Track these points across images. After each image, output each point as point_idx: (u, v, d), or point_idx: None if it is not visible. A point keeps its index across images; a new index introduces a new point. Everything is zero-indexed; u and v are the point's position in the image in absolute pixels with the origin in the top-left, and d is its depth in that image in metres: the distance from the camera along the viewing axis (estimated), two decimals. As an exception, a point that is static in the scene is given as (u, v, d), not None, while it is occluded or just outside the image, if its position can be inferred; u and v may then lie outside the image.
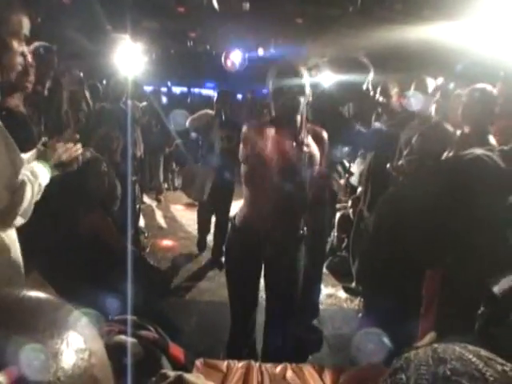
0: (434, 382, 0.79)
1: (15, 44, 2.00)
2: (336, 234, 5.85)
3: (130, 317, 2.26)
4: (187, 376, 0.88)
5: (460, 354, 0.82)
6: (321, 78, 8.94)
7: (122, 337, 2.14)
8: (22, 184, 1.99)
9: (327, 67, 4.64)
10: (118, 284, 2.95)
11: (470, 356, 0.81)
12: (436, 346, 0.87)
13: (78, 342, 0.54)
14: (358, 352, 2.67)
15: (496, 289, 2.66)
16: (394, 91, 4.44)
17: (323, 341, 3.56)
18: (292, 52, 7.94)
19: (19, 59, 2.05)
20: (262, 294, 3.27)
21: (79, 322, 0.57)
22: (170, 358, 2.17)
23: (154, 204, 8.31)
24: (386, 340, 2.25)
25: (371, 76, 3.83)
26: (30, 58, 2.95)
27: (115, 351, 2.11)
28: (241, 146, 2.92)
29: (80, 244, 3.18)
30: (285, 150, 2.84)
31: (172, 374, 0.89)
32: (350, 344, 3.64)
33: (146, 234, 5.80)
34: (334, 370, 2.44)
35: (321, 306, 4.46)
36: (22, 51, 2.06)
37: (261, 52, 8.98)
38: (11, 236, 2.14)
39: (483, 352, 0.83)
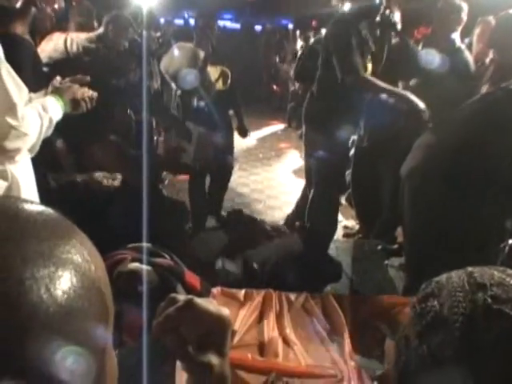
0: (473, 310, 0.72)
1: None
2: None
3: (145, 244, 2.23)
4: (198, 300, 0.82)
5: (500, 279, 0.74)
6: (342, 7, 8.62)
7: (137, 264, 2.13)
8: (26, 115, 1.89)
9: None
10: (133, 213, 2.93)
11: None
12: (471, 269, 0.79)
13: (84, 253, 0.51)
14: None
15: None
16: (398, 17, 4.16)
17: (342, 272, 3.54)
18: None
19: None
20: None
21: (81, 236, 0.54)
22: (186, 286, 2.16)
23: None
24: None
25: None
26: None
27: (130, 279, 2.10)
28: None
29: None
30: None
31: (182, 298, 0.82)
32: (369, 274, 3.64)
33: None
34: (354, 300, 2.41)
35: (339, 238, 4.43)
36: None
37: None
38: (22, 170, 2.05)
39: None
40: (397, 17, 4.08)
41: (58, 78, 2.22)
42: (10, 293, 0.43)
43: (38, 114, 1.96)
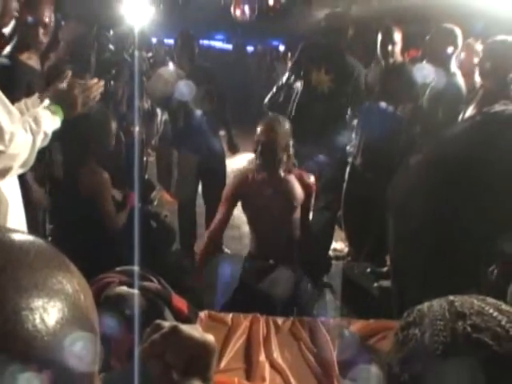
0: (453, 338, 0.74)
1: None
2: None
3: (135, 268, 2.22)
4: (183, 327, 0.83)
5: (480, 308, 0.76)
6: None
7: (124, 288, 2.12)
8: (15, 135, 1.89)
9: None
10: (121, 236, 2.92)
11: (491, 310, 0.76)
12: (452, 298, 0.82)
13: (74, 282, 0.54)
14: None
15: (508, 247, 2.59)
16: (399, 38, 4.24)
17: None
18: (303, 2, 7.69)
19: (14, 4, 1.96)
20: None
21: (70, 265, 0.56)
22: (173, 310, 2.15)
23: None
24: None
25: None
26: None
27: (117, 302, 2.09)
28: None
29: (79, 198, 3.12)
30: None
31: (167, 324, 0.84)
32: (358, 297, 3.62)
33: (158, 188, 5.66)
34: (341, 323, 2.40)
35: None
36: None
37: (271, 2, 8.76)
38: (10, 186, 2.07)
39: (504, 306, 0.78)
40: (397, 38, 4.17)
41: (67, 72, 2.19)
42: (6, 322, 0.45)
43: (30, 130, 1.95)
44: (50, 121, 2.04)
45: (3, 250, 0.50)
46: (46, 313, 0.47)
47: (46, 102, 2.10)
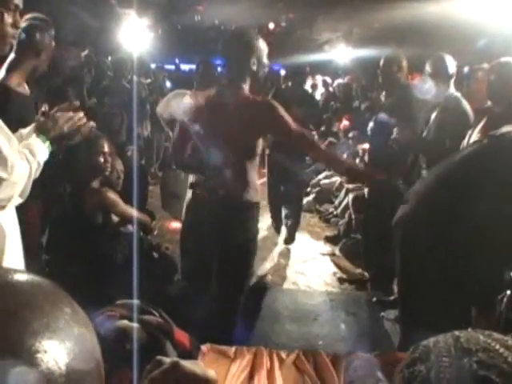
0: (459, 375, 0.72)
1: (4, 14, 1.91)
2: (354, 216, 5.72)
3: (135, 301, 2.19)
4: (184, 363, 0.86)
5: (486, 344, 0.74)
6: (334, 53, 8.81)
7: (125, 322, 2.08)
8: (16, 164, 1.91)
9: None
10: (122, 268, 2.89)
11: (497, 346, 0.74)
12: (458, 333, 0.80)
13: (79, 321, 0.56)
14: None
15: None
16: (402, 65, 4.28)
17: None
18: (303, 26, 7.78)
19: (11, 31, 1.96)
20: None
21: (73, 303, 0.58)
22: (175, 344, 2.10)
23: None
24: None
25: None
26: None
27: (118, 337, 2.05)
28: None
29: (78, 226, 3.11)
30: None
31: (168, 360, 0.85)
32: (363, 328, 3.58)
33: (158, 217, 5.62)
34: (347, 357, 2.35)
35: (334, 290, 4.39)
36: (15, 22, 1.96)
37: (271, 26, 8.84)
38: (7, 217, 2.07)
39: (510, 341, 0.76)
40: (400, 64, 4.23)
41: (43, 108, 2.21)
42: (22, 365, 0.47)
43: (27, 161, 1.97)
44: (42, 150, 2.06)
45: (13, 293, 0.52)
46: (59, 354, 0.50)
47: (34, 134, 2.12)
